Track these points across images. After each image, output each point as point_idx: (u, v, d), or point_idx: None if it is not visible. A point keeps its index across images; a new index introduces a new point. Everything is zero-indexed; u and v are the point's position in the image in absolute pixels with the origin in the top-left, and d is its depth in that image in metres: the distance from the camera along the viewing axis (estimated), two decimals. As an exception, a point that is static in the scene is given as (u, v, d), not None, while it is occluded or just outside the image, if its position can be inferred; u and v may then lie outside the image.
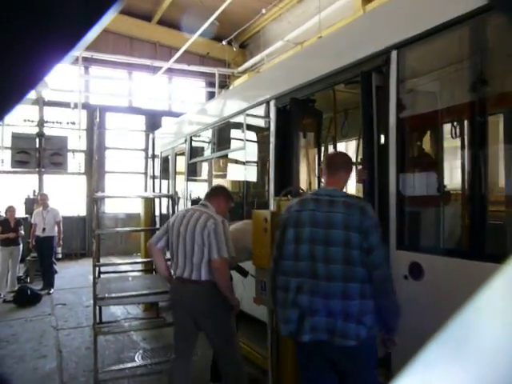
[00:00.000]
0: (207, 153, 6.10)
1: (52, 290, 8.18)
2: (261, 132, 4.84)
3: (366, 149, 3.20)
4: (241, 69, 14.31)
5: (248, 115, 4.77)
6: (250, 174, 4.90)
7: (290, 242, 2.27)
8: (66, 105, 12.34)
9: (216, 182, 6.15)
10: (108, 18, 0.39)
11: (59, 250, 10.22)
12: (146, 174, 13.83)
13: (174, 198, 4.74)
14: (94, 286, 4.17)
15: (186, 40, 12.22)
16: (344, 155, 2.62)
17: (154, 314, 6.33)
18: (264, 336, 4.59)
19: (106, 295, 4.41)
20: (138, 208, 13.52)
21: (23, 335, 5.62)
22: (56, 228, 8.56)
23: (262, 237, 2.96)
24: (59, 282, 8.69)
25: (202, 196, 6.98)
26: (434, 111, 3.01)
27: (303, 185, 4.03)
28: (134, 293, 4.28)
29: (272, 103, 4.29)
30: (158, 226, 7.82)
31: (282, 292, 2.26)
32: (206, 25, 11.37)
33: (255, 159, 4.96)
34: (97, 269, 5.11)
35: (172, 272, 3.27)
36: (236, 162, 5.75)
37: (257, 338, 4.60)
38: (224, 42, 13.48)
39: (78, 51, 11.93)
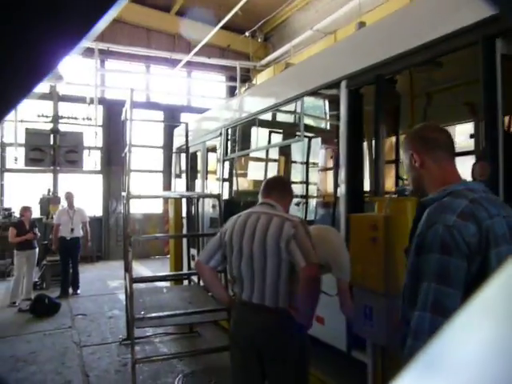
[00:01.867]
0: (248, 147, 5.38)
1: (79, 291, 7.98)
2: (324, 120, 4.13)
3: (489, 136, 2.48)
4: (264, 62, 13.61)
5: (307, 100, 4.05)
6: (311, 170, 4.18)
7: None
8: (81, 100, 11.72)
9: (260, 179, 5.44)
10: (117, 8, 0.38)
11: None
12: (163, 172, 13.20)
13: (220, 199, 4.02)
14: (131, 306, 3.46)
15: (205, 32, 11.57)
16: None
17: (185, 327, 5.65)
18: (330, 363, 3.90)
19: (142, 313, 3.72)
20: (155, 208, 13.04)
21: (43, 353, 4.95)
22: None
23: (367, 249, 2.23)
24: (77, 288, 8.08)
25: (237, 196, 6.33)
26: None
27: (389, 183, 3.31)
28: (177, 311, 3.56)
29: (343, 84, 3.56)
30: (185, 229, 7.13)
31: None
32: (229, 16, 10.73)
33: (316, 152, 4.23)
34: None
35: (232, 293, 2.56)
36: (289, 156, 5.03)
37: (322, 365, 3.89)
38: (247, 34, 12.78)
39: (94, 43, 11.25)
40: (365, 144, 3.66)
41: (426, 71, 4.04)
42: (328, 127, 4.01)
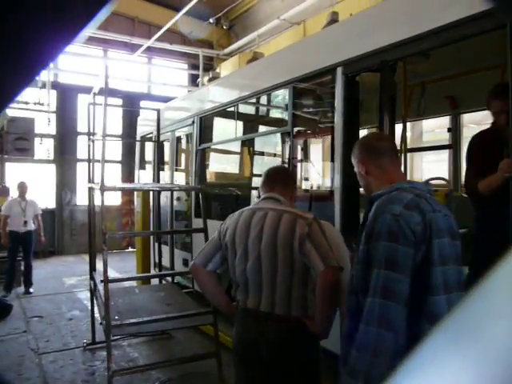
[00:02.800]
0: (226, 136, 5.05)
1: (32, 290, 7.34)
2: (315, 109, 3.89)
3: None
4: (227, 50, 13.22)
5: (297, 88, 3.80)
6: (299, 162, 3.93)
7: (438, 264, 1.47)
8: (32, 83, 10.86)
9: (237, 169, 5.14)
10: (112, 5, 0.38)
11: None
12: (121, 162, 12.59)
13: (202, 192, 3.69)
14: (106, 312, 3.06)
15: (167, 17, 11.04)
16: None
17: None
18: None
19: (117, 318, 3.35)
20: (112, 200, 12.37)
21: (-5, 363, 4.44)
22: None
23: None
24: (29, 286, 7.44)
25: (211, 188, 5.98)
26: None
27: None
28: (159, 316, 3.21)
29: (339, 71, 3.34)
30: (151, 225, 6.68)
31: None
32: (192, 2, 10.26)
33: (306, 143, 3.99)
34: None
35: (235, 299, 2.27)
36: (272, 146, 4.76)
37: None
38: (211, 20, 12.33)
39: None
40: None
41: (413, 63, 3.90)
42: (320, 116, 3.78)
